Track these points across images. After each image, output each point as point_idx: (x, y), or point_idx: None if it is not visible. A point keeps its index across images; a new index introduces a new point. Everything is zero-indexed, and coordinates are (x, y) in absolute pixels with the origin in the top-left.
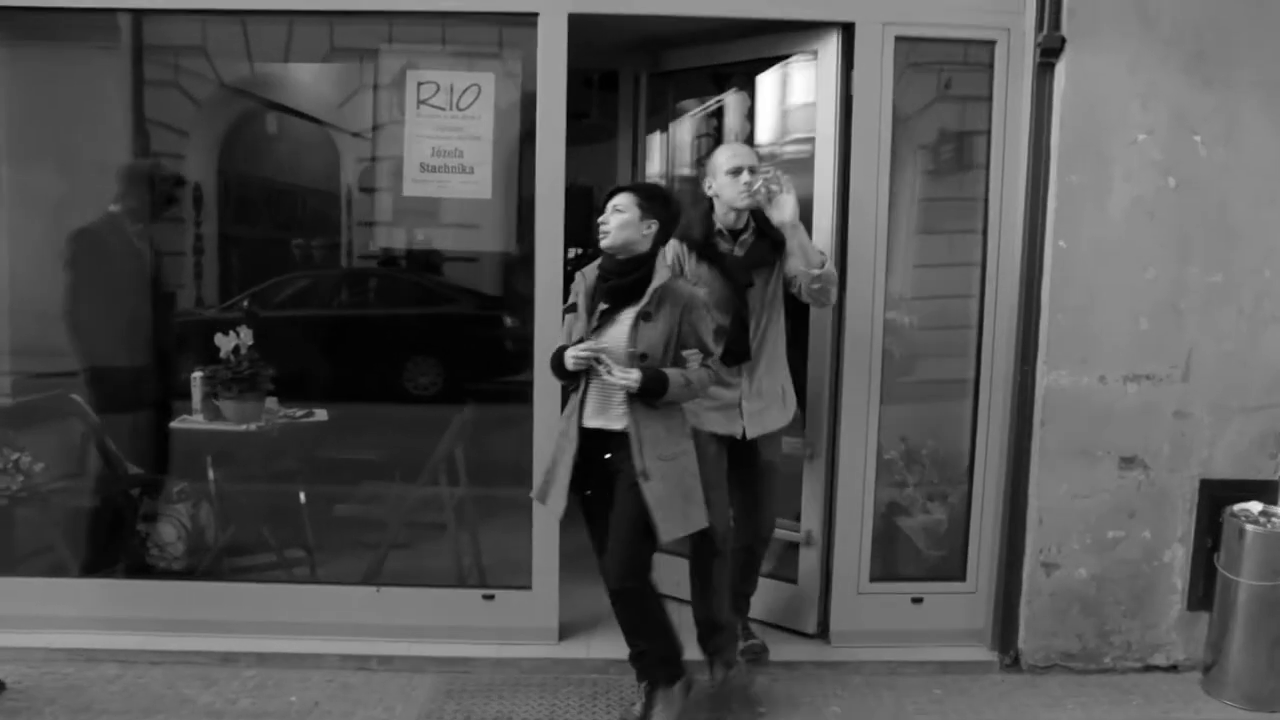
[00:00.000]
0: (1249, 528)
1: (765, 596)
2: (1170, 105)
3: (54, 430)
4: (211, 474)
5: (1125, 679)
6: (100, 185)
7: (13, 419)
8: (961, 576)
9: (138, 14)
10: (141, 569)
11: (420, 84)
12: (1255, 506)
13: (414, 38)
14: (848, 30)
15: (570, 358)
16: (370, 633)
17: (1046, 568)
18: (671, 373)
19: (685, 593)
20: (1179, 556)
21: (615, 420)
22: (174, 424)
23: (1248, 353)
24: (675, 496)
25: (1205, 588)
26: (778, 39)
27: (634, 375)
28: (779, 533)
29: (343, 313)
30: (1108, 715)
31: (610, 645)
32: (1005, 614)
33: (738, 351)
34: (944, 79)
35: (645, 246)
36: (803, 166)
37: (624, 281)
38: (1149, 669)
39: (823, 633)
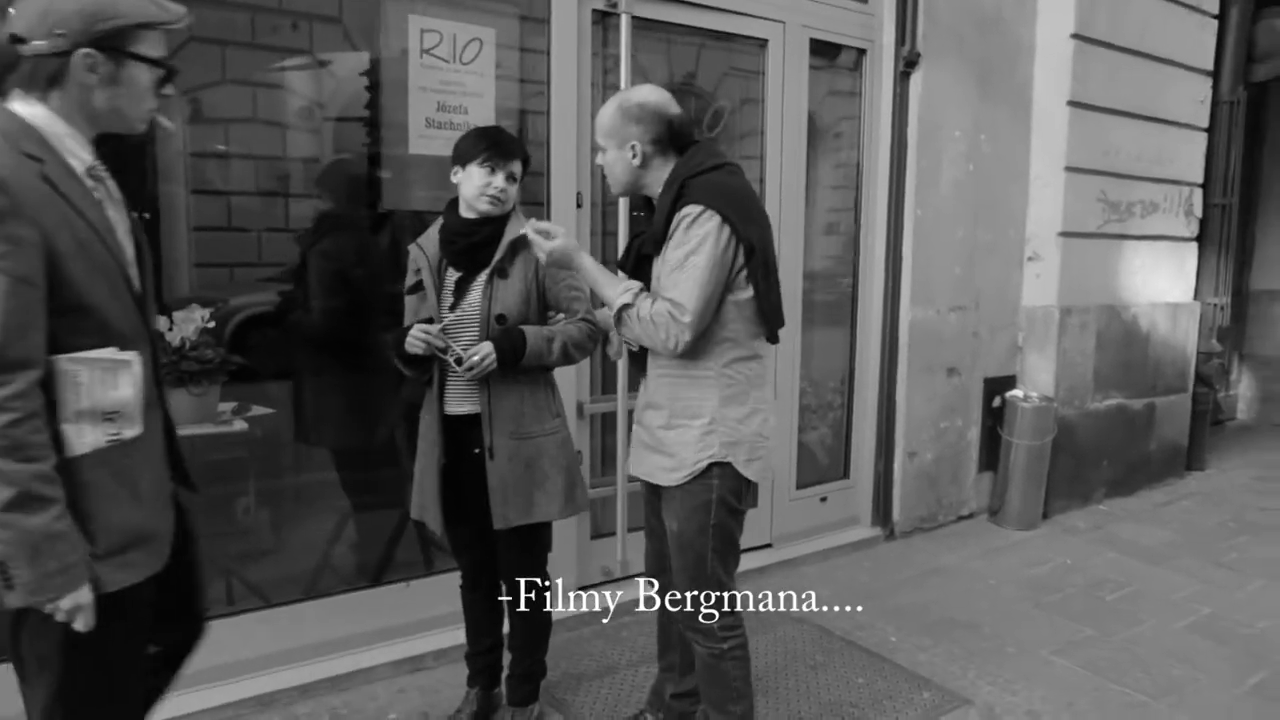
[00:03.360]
0: (1023, 405)
1: None
2: (971, 112)
3: None
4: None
5: (951, 528)
6: None
7: None
8: (845, 475)
9: None
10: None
11: (424, 31)
12: (1020, 393)
13: None
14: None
15: (411, 339)
16: (401, 633)
17: (910, 456)
18: (530, 330)
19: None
20: (974, 435)
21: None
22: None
23: (1004, 288)
24: (522, 480)
25: (988, 455)
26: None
27: (484, 349)
28: None
29: None
30: (955, 550)
31: None
32: (884, 497)
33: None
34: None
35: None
36: None
37: (475, 239)
38: (960, 519)
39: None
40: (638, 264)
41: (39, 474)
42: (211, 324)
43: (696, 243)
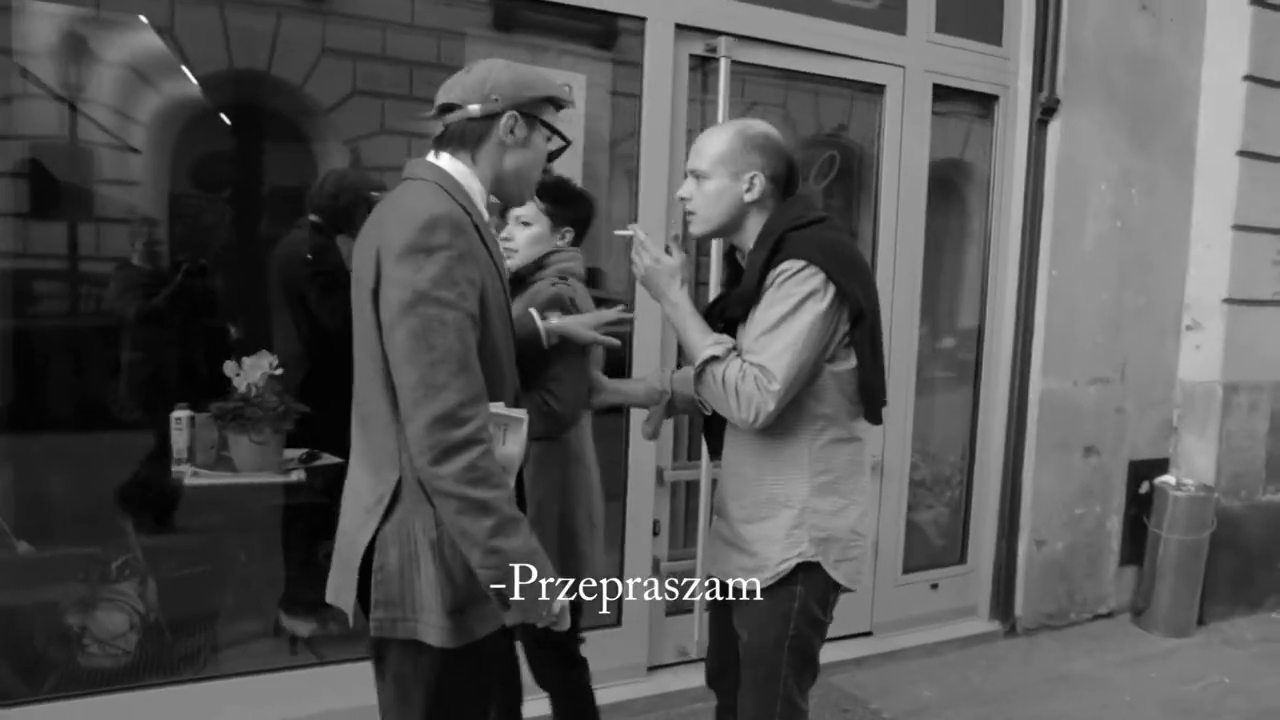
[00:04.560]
0: (1176, 493)
1: None
2: (1119, 162)
3: None
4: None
5: (1084, 628)
6: None
7: None
8: (962, 560)
9: None
10: (80, 679)
11: None
12: (1171, 479)
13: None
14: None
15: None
16: None
17: (1038, 544)
18: None
19: None
20: (1115, 524)
21: None
22: (188, 481)
23: (1155, 360)
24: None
25: (1132, 546)
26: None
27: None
28: None
29: None
30: (1089, 655)
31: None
32: (1006, 587)
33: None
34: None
35: None
36: None
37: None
38: (1096, 618)
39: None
40: (723, 330)
41: (511, 499)
42: (279, 371)
43: (795, 303)
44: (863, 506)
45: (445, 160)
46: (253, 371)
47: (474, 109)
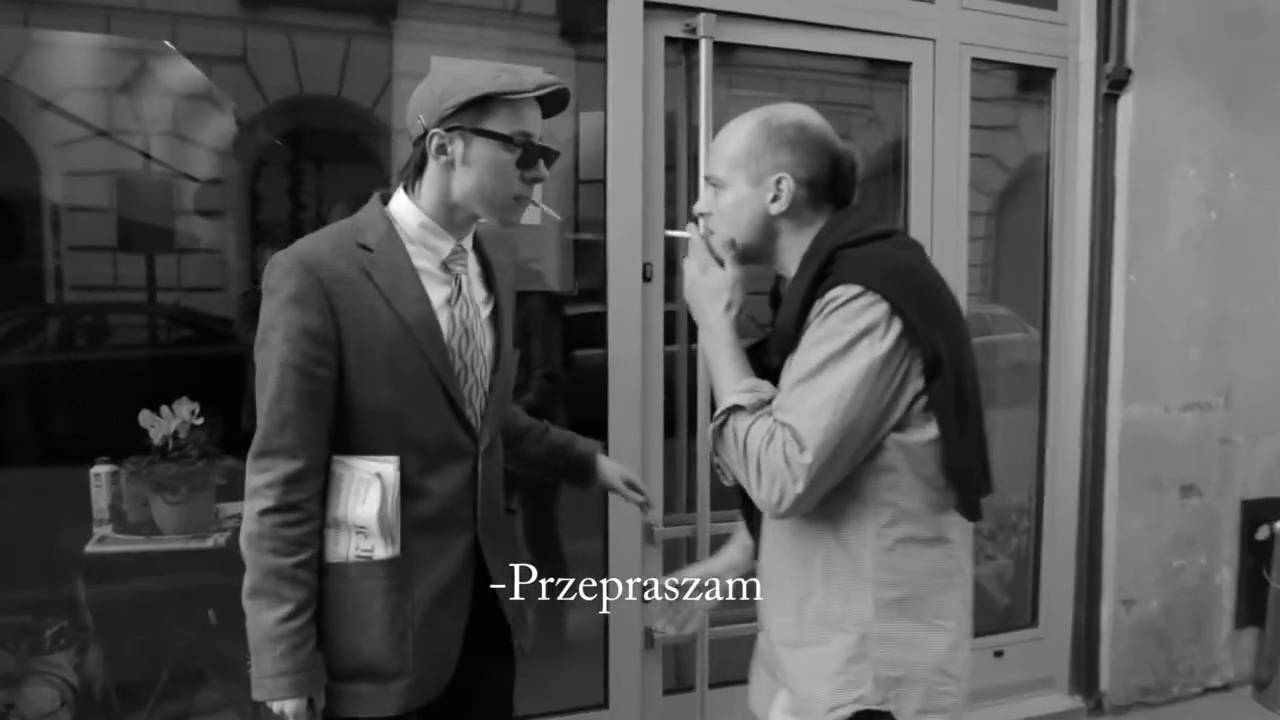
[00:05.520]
0: None
1: None
2: (1211, 142)
3: None
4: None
5: (1190, 705)
6: None
7: None
8: (1033, 622)
9: None
10: None
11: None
12: None
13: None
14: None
15: None
16: None
17: (1126, 605)
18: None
19: None
20: (1227, 577)
21: None
22: (90, 548)
23: (1271, 379)
24: None
25: (1250, 605)
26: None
27: None
28: None
29: None
30: None
31: None
32: (1086, 657)
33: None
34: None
35: None
36: None
37: None
38: (1207, 691)
39: None
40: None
41: (274, 569)
42: (200, 420)
43: (844, 342)
44: (954, 635)
45: (396, 194)
46: (168, 422)
47: (413, 136)
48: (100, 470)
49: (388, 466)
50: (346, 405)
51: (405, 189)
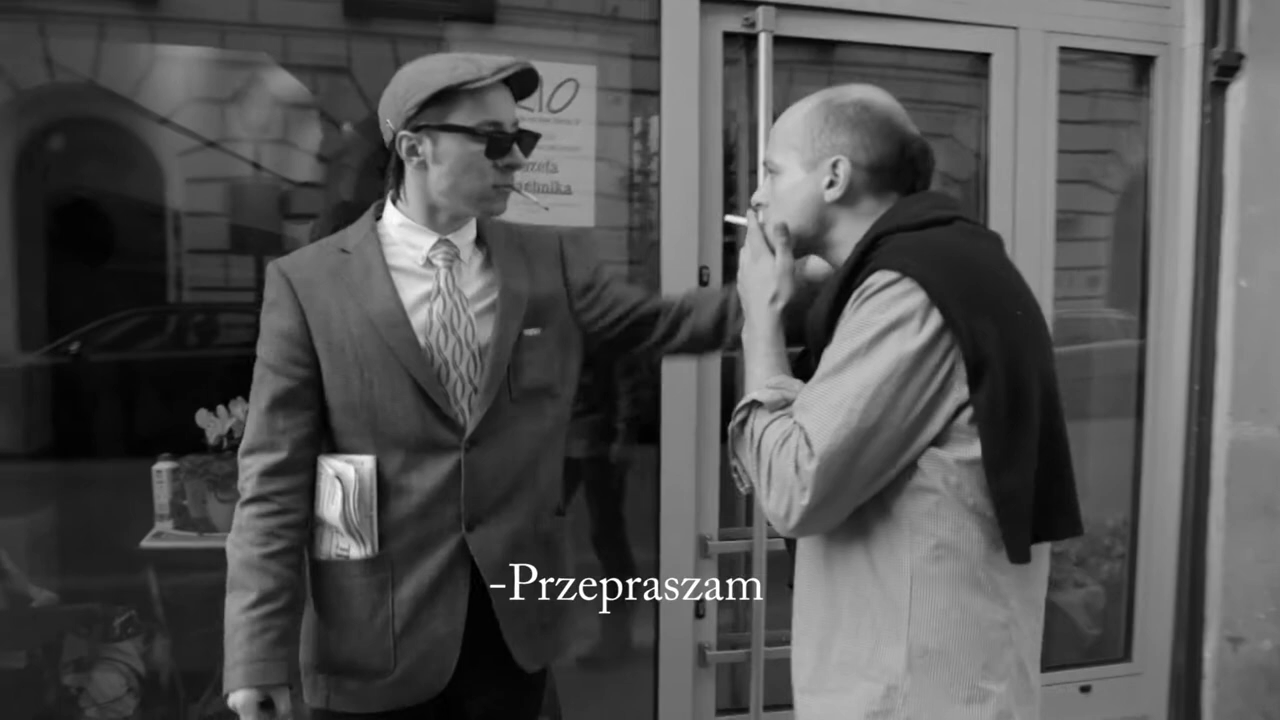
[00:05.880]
0: None
1: None
2: None
3: None
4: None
5: None
6: None
7: None
8: (1126, 656)
9: None
10: None
11: None
12: None
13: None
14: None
15: None
16: None
17: (1233, 642)
18: None
19: None
20: None
21: None
22: (146, 543)
23: None
24: None
25: None
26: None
27: None
28: None
29: None
30: None
31: None
32: (1187, 698)
33: None
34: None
35: None
36: None
37: None
38: None
39: None
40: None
41: (244, 561)
42: None
43: (873, 334)
44: (1002, 703)
45: (386, 203)
46: (223, 421)
47: (386, 141)
48: (162, 467)
49: (348, 468)
50: (325, 403)
51: (391, 195)
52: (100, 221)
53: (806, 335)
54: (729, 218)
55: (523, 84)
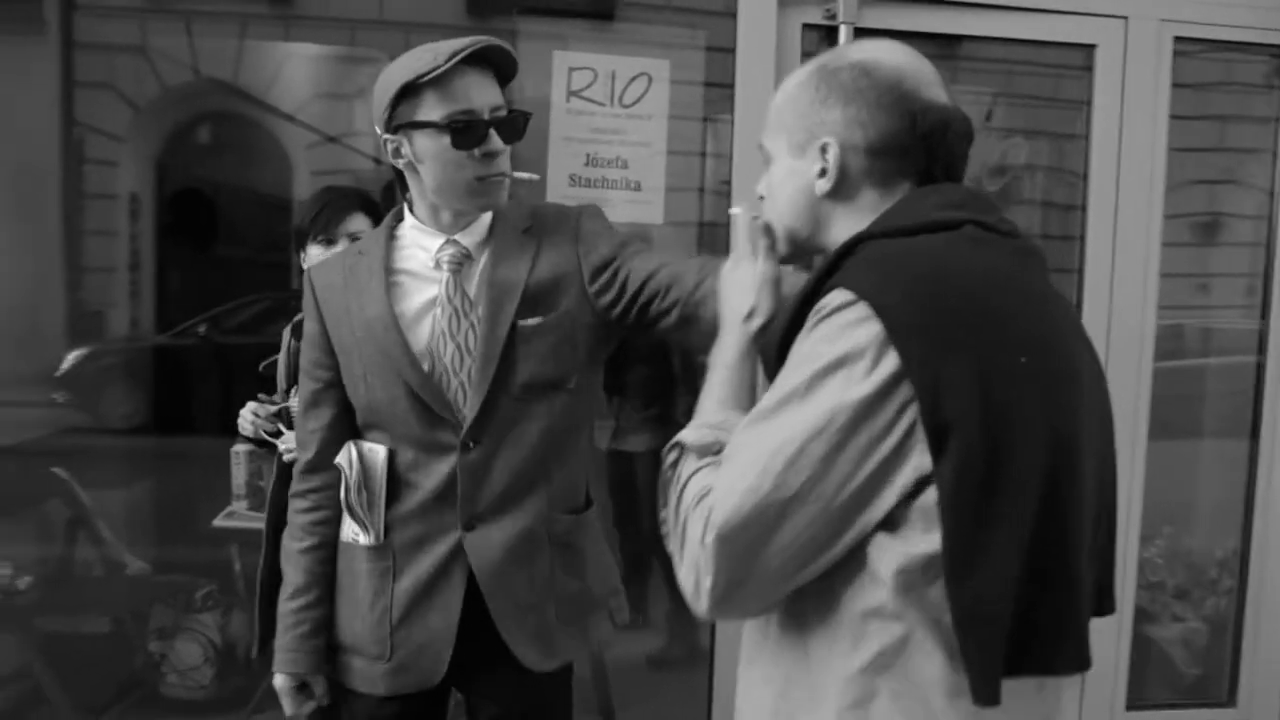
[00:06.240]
0: None
1: None
2: None
3: (28, 518)
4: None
5: None
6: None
7: None
8: (1230, 700)
9: None
10: (156, 704)
11: (573, 70)
12: None
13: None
14: None
15: None
16: None
17: None
18: None
19: None
20: None
21: None
22: (218, 522)
23: None
24: None
25: None
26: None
27: None
28: None
29: None
30: None
31: None
32: None
33: None
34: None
35: None
36: None
37: None
38: None
39: None
40: None
41: (285, 553)
42: None
43: (813, 373)
44: None
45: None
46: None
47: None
48: (240, 448)
49: (352, 454)
50: (350, 403)
51: (405, 200)
52: (232, 211)
53: (763, 362)
54: (733, 210)
55: (502, 64)
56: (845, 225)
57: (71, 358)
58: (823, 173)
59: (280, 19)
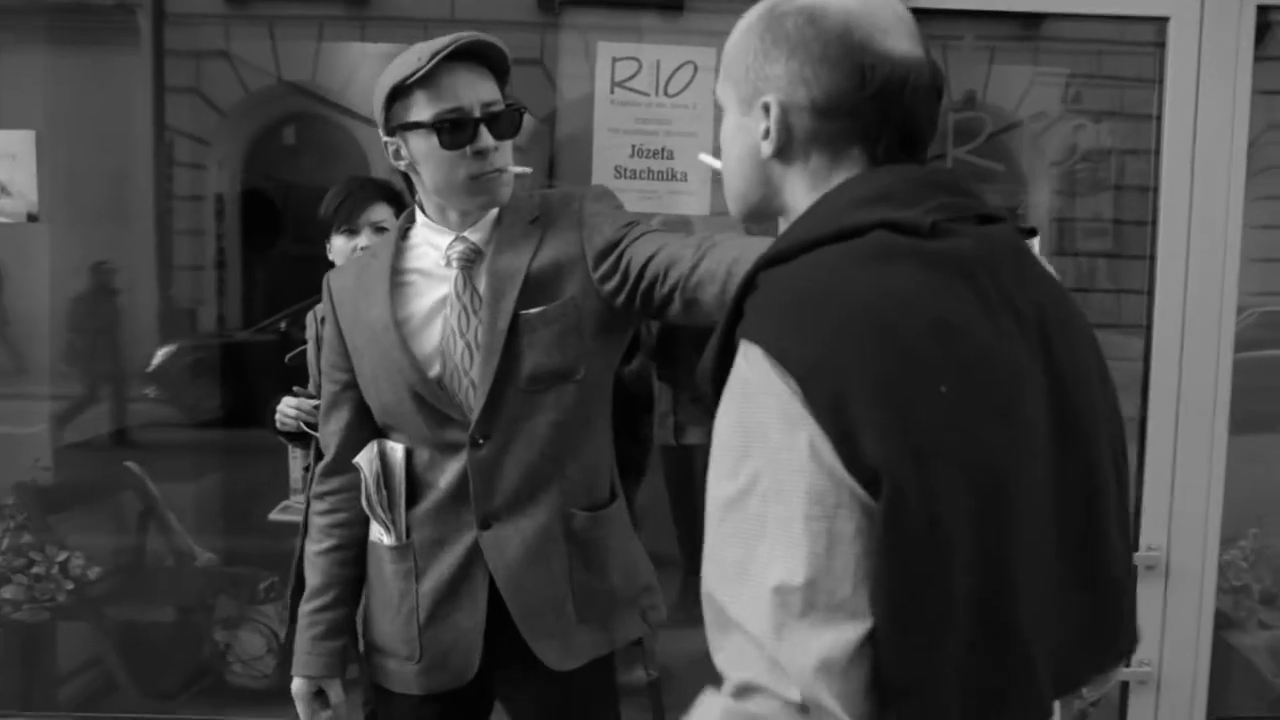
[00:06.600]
0: None
1: None
2: None
3: (101, 510)
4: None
5: None
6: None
7: (55, 501)
8: None
9: None
10: (222, 693)
11: (616, 60)
12: None
13: None
14: None
15: None
16: None
17: None
18: None
19: None
20: None
21: None
22: (273, 515)
23: None
24: None
25: None
26: None
27: None
28: None
29: None
30: None
31: None
32: None
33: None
34: None
35: None
36: None
37: None
38: None
39: None
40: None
41: (305, 555)
42: None
43: (748, 479)
44: None
45: None
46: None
47: None
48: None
49: (370, 454)
50: (366, 404)
51: (416, 201)
52: (312, 210)
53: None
54: (703, 156)
55: (490, 58)
56: (798, 190)
57: (161, 354)
58: (767, 133)
59: (356, 20)
